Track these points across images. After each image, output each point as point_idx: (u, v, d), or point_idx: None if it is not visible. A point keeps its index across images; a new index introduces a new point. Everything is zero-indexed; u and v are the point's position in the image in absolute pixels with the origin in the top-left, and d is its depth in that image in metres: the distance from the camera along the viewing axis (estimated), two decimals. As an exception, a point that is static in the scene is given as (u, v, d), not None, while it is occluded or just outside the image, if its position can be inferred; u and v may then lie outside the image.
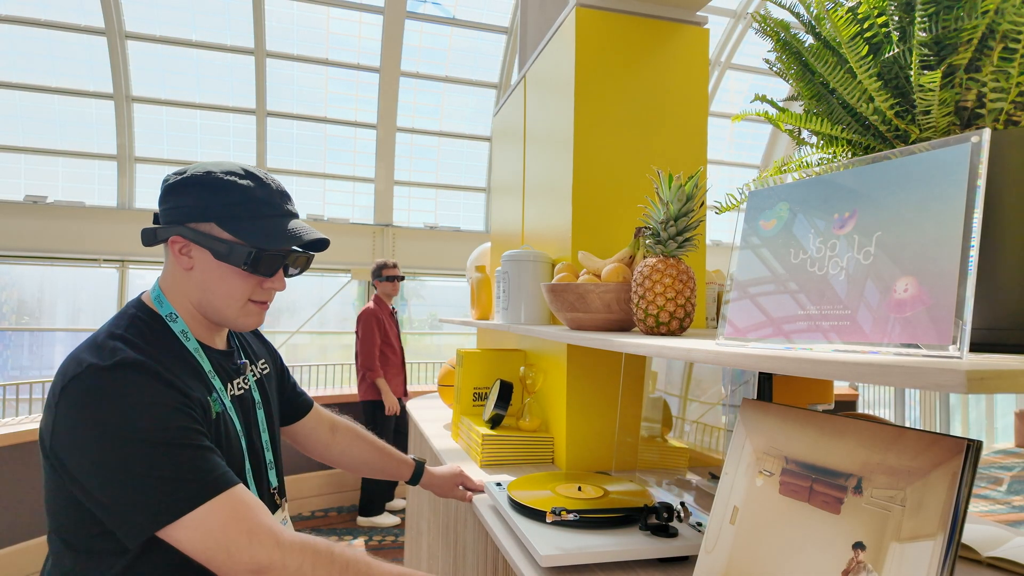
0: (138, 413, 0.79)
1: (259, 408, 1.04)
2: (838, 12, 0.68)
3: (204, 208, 0.90)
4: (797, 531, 0.65)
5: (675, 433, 1.28)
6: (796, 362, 0.53)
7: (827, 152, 0.81)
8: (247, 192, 0.92)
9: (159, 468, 0.78)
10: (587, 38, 1.44)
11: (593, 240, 1.43)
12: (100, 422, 0.78)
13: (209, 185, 0.91)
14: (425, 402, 2.58)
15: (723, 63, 7.84)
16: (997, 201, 0.56)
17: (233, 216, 0.91)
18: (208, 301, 0.94)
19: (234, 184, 0.92)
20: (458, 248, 6.91)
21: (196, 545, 0.78)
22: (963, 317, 0.46)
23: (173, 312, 0.94)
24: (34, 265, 6.09)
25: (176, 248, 0.92)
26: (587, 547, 0.89)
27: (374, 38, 6.75)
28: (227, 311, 0.95)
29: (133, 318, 0.91)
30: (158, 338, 0.90)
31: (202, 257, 0.92)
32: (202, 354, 0.95)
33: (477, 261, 2.39)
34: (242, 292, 0.94)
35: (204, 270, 0.92)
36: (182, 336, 0.93)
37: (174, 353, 0.90)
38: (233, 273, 0.92)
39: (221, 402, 0.94)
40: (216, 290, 0.93)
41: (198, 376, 0.91)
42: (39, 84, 6.04)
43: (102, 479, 0.78)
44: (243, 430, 0.98)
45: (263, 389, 1.08)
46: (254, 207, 0.92)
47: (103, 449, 0.77)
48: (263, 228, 0.92)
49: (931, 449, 0.56)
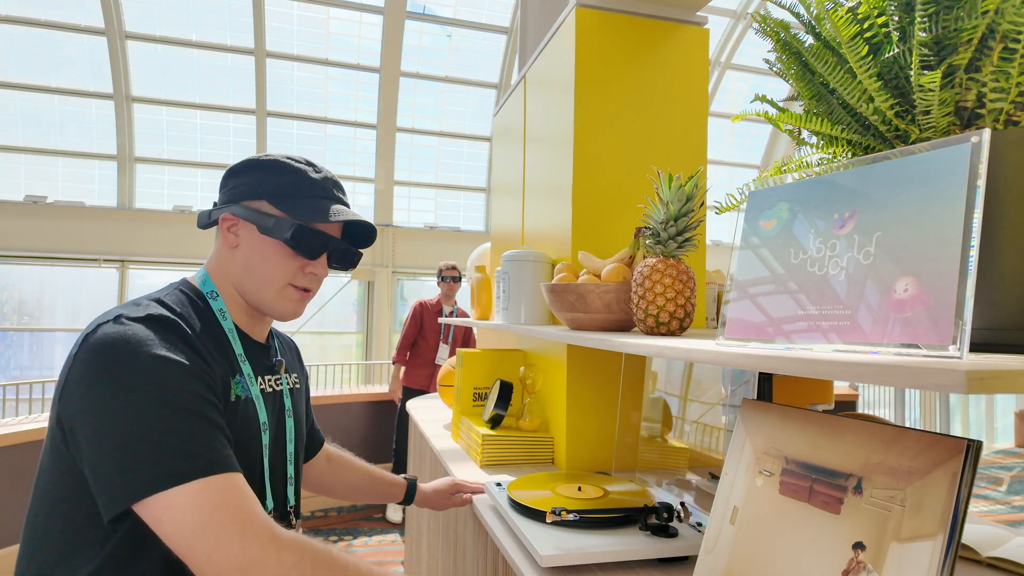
0: (155, 367, 0.74)
1: (289, 416, 1.00)
2: (838, 12, 0.68)
3: (258, 186, 0.92)
4: (797, 531, 0.65)
5: (675, 433, 1.28)
6: (796, 362, 0.53)
7: (827, 152, 0.81)
8: (300, 173, 0.94)
9: (162, 431, 0.71)
10: (587, 38, 1.44)
11: (593, 240, 1.43)
12: (111, 368, 0.73)
13: (266, 166, 0.93)
14: (425, 402, 2.58)
15: (723, 63, 7.85)
16: (997, 201, 0.56)
17: (285, 194, 0.92)
18: (249, 280, 0.92)
19: (289, 166, 0.94)
20: (458, 248, 6.91)
21: (180, 527, 0.69)
22: (963, 317, 0.46)
23: (215, 291, 0.93)
24: (34, 265, 6.09)
25: (225, 226, 0.93)
26: (587, 547, 0.89)
27: (374, 38, 6.75)
28: (266, 291, 0.93)
29: (174, 289, 0.91)
30: (196, 310, 0.89)
31: (248, 233, 0.92)
32: (235, 336, 0.92)
33: (477, 261, 2.39)
34: (283, 272, 0.92)
35: (248, 247, 0.92)
36: (219, 314, 0.92)
37: (208, 327, 0.88)
38: (276, 251, 0.91)
39: (246, 388, 0.90)
40: (257, 268, 0.92)
41: (225, 355, 0.88)
42: (39, 84, 6.04)
43: (97, 429, 0.71)
44: (269, 427, 0.94)
45: (295, 402, 1.04)
46: (306, 187, 0.93)
47: (107, 396, 0.72)
48: (311, 206, 0.92)
49: (931, 449, 0.56)
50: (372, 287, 7.09)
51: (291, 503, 0.99)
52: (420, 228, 7.30)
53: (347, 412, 4.62)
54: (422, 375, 4.12)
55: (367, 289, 7.16)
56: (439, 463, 1.63)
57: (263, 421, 0.92)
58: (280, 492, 0.96)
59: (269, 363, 0.99)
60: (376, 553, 3.57)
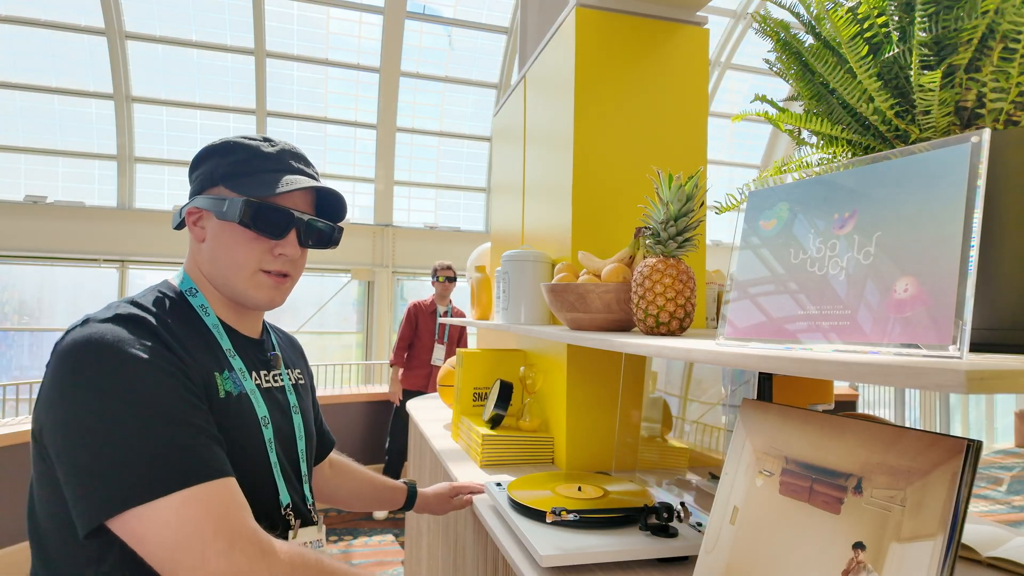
0: (124, 368, 0.69)
1: (296, 413, 0.96)
2: (838, 12, 0.68)
3: (213, 171, 0.87)
4: (797, 531, 0.65)
5: (675, 433, 1.28)
6: (796, 362, 0.53)
7: (827, 152, 0.81)
8: (251, 149, 0.88)
9: (137, 437, 0.66)
10: (587, 38, 1.44)
11: (593, 240, 1.43)
12: (78, 373, 0.68)
13: (219, 149, 0.88)
14: (425, 402, 2.58)
15: (723, 63, 7.84)
16: (997, 201, 0.56)
17: (237, 174, 0.86)
18: (218, 271, 0.87)
19: (240, 144, 0.88)
20: (458, 248, 6.91)
21: (160, 544, 0.64)
22: (963, 317, 0.46)
23: (194, 287, 0.88)
24: (34, 265, 6.09)
25: (191, 220, 0.88)
26: (587, 547, 0.89)
27: (374, 38, 6.75)
28: (236, 281, 0.87)
29: (151, 290, 0.86)
30: (175, 309, 0.83)
31: (210, 223, 0.87)
32: (221, 331, 0.88)
33: (477, 261, 2.39)
34: (248, 257, 0.86)
35: (212, 237, 0.87)
36: (201, 311, 0.87)
37: (189, 325, 0.83)
38: (237, 235, 0.86)
39: (238, 383, 0.85)
40: (223, 257, 0.86)
41: (211, 351, 0.83)
42: (39, 84, 6.04)
43: (67, 439, 0.66)
44: (271, 421, 0.89)
45: (300, 397, 1.00)
46: (258, 163, 0.87)
47: (74, 403, 0.67)
48: (261, 180, 0.86)
49: (931, 449, 0.56)
50: (372, 287, 7.09)
51: (310, 500, 0.94)
52: (420, 228, 7.29)
53: (347, 412, 4.62)
54: (419, 376, 4.13)
55: (367, 289, 7.16)
56: (439, 463, 1.63)
57: (262, 415, 0.87)
58: (298, 489, 0.92)
59: (264, 358, 0.95)
60: (376, 553, 3.57)
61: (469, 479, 1.35)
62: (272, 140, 0.91)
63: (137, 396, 0.68)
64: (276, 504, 0.87)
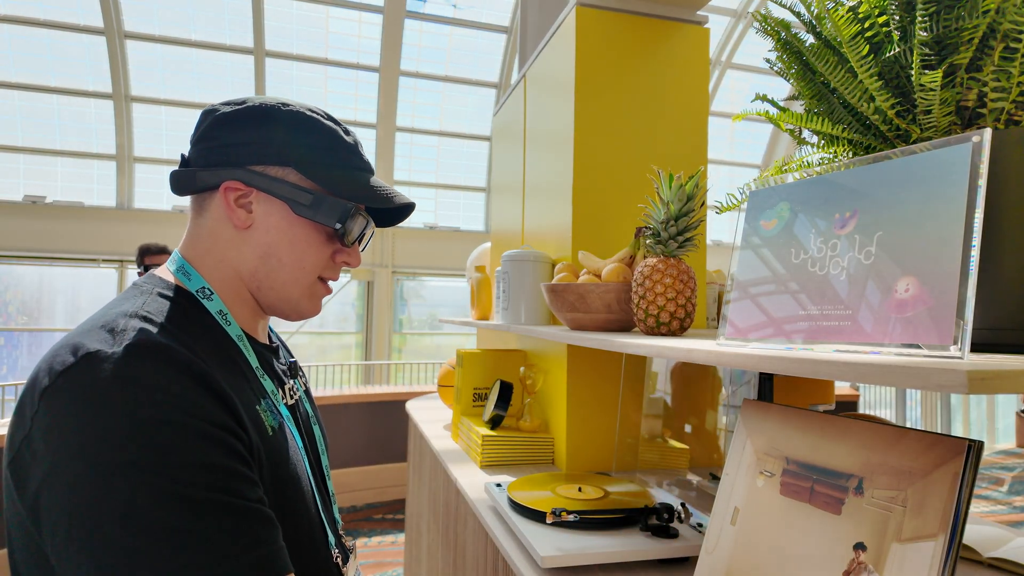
0: (158, 434, 0.51)
1: (315, 423, 0.82)
2: (839, 11, 0.68)
3: (282, 147, 0.69)
4: (798, 532, 0.65)
5: (675, 433, 1.27)
6: (797, 362, 0.53)
7: (828, 152, 0.81)
8: (333, 135, 0.72)
9: (177, 532, 0.50)
10: (587, 37, 1.44)
11: (593, 240, 1.43)
12: (92, 440, 0.50)
13: (287, 120, 0.70)
14: (425, 402, 2.58)
15: (724, 62, 7.85)
16: (998, 201, 0.56)
17: (320, 162, 0.71)
18: (272, 272, 0.71)
19: (318, 123, 0.72)
20: (458, 248, 6.92)
21: None
22: (964, 317, 0.45)
23: (206, 287, 0.69)
24: (33, 265, 6.09)
25: (230, 198, 0.69)
26: (587, 548, 0.89)
27: (374, 37, 6.75)
28: (294, 287, 0.72)
29: (151, 293, 0.64)
30: (191, 320, 0.64)
31: (270, 212, 0.69)
32: (247, 345, 0.70)
33: (477, 261, 2.38)
34: (317, 262, 0.73)
35: (271, 229, 0.70)
36: (220, 318, 0.68)
37: (212, 342, 0.65)
38: (312, 237, 0.71)
39: (276, 412, 0.68)
40: (286, 257, 0.70)
41: (243, 375, 0.67)
42: (38, 84, 6.04)
43: (75, 531, 0.49)
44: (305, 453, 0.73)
45: (312, 402, 0.87)
46: (344, 154, 0.73)
47: (88, 484, 0.49)
48: (358, 180, 0.72)
49: (932, 450, 0.56)
50: (372, 287, 7.09)
51: (339, 523, 0.82)
52: (420, 228, 7.30)
53: (346, 412, 4.63)
54: None
55: (367, 289, 7.16)
56: (439, 463, 1.63)
57: (301, 449, 0.72)
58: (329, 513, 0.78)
59: (283, 368, 0.80)
60: (376, 553, 3.57)
61: (469, 480, 1.35)
62: (338, 121, 0.76)
63: (184, 475, 0.51)
64: (326, 552, 0.72)
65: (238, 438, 0.58)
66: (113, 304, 0.63)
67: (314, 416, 0.83)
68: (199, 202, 0.71)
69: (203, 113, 0.72)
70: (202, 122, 0.71)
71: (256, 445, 0.61)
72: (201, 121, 0.71)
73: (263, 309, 0.75)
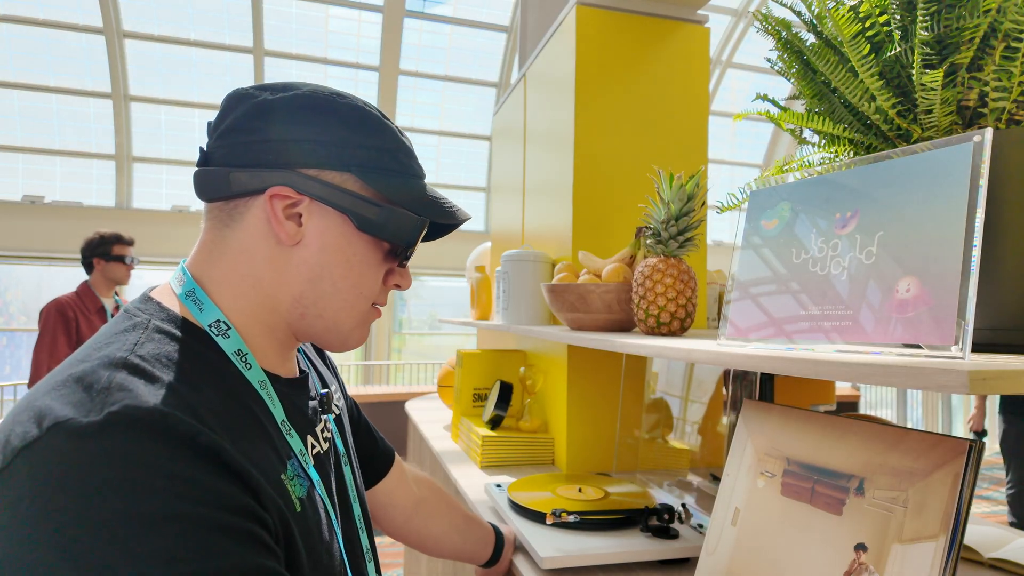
0: (161, 537, 0.39)
1: (346, 465, 0.68)
2: (840, 11, 0.68)
3: (341, 147, 0.56)
4: (799, 532, 0.65)
5: (676, 434, 1.27)
6: (798, 363, 0.53)
7: (829, 151, 0.81)
8: (395, 137, 0.60)
9: None
10: (587, 37, 1.44)
11: (593, 240, 1.43)
12: (68, 544, 0.37)
13: (346, 114, 0.57)
14: (425, 403, 2.58)
15: (724, 62, 7.85)
16: (999, 201, 0.56)
17: (382, 167, 0.58)
18: (323, 298, 0.58)
19: (379, 120, 0.60)
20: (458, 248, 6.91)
21: None
22: (965, 317, 0.45)
23: (222, 320, 0.55)
24: (32, 265, 6.09)
25: (278, 207, 0.55)
26: (588, 549, 0.89)
27: (373, 36, 6.75)
28: (346, 317, 0.60)
29: (148, 328, 0.51)
30: (197, 365, 0.51)
31: (328, 227, 0.57)
32: (272, 392, 0.56)
33: (477, 261, 2.38)
34: (373, 286, 0.61)
35: (327, 248, 0.57)
36: (238, 360, 0.54)
37: (228, 394, 0.52)
38: (371, 258, 0.60)
39: (303, 476, 0.56)
40: (341, 280, 0.58)
41: (265, 435, 0.53)
42: (37, 83, 6.04)
43: None
44: (336, 515, 0.61)
45: (343, 432, 0.72)
46: (406, 159, 0.61)
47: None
48: (419, 190, 0.61)
49: (933, 450, 0.56)
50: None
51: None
52: (420, 228, 7.28)
53: (347, 412, 4.62)
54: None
55: (367, 289, 7.16)
56: (439, 464, 1.62)
57: (333, 517, 0.60)
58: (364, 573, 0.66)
59: (314, 405, 0.65)
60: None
61: (469, 480, 1.35)
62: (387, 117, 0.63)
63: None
64: None
65: (262, 524, 0.46)
66: (97, 342, 0.50)
67: (346, 456, 0.69)
68: (227, 209, 0.56)
69: (233, 98, 0.57)
70: (232, 108, 0.56)
71: (277, 528, 0.48)
72: (231, 107, 0.57)
73: (298, 338, 0.62)
